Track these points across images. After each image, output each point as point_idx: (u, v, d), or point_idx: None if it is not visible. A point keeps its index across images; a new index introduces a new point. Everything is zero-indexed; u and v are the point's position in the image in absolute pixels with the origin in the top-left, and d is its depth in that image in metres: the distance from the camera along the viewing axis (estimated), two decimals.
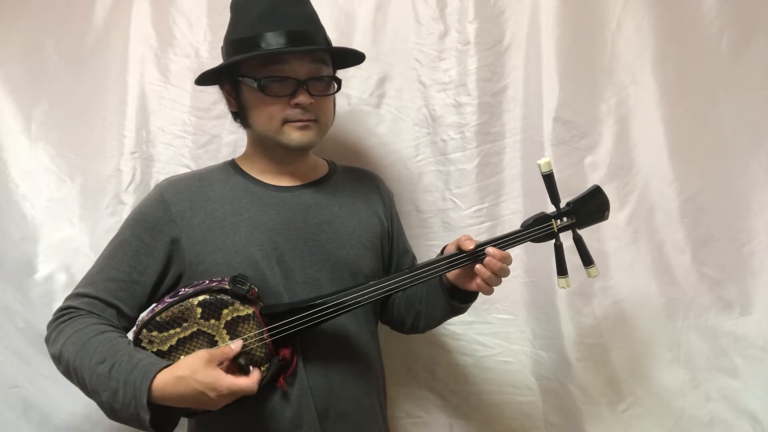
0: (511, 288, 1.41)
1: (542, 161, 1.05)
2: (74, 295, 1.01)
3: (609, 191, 1.33)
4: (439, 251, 1.43)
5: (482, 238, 1.40)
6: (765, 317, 1.37)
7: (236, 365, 0.92)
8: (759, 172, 1.38)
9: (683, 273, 1.38)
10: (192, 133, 1.43)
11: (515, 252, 1.07)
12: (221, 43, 1.40)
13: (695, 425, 1.38)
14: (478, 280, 1.03)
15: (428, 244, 1.43)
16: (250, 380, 0.89)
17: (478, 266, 1.02)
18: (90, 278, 1.03)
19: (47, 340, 0.99)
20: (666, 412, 1.38)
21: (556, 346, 1.38)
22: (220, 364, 0.90)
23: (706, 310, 1.38)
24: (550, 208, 1.35)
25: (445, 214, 1.44)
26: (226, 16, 1.38)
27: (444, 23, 1.40)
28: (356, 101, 1.40)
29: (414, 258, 1.31)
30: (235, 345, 0.93)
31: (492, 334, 1.44)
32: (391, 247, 1.25)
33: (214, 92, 1.39)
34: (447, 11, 1.40)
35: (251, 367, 0.92)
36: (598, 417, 1.37)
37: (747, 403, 1.36)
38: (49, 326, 1.00)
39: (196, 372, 0.87)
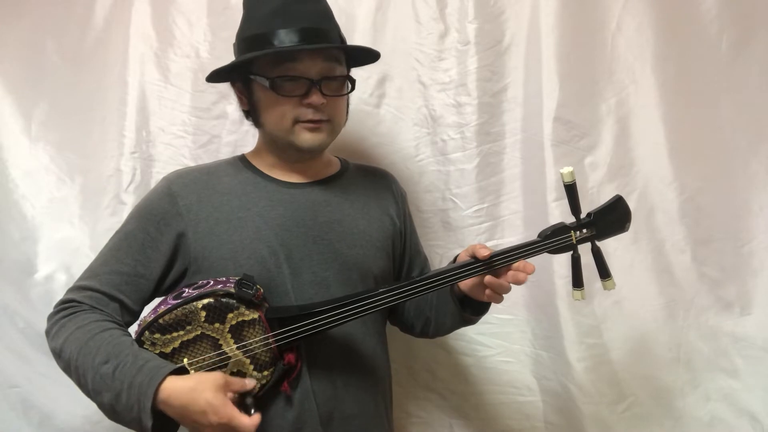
0: (512, 288, 1.41)
1: (565, 171, 1.00)
2: (77, 288, 0.99)
3: (609, 191, 1.33)
4: (439, 251, 1.44)
5: (482, 238, 1.42)
6: (765, 317, 1.37)
7: (241, 402, 0.92)
8: (759, 172, 1.38)
9: (683, 273, 1.38)
10: (192, 133, 1.43)
11: None
12: (221, 43, 1.39)
13: (695, 425, 1.38)
14: (488, 291, 1.01)
15: (428, 244, 1.42)
16: (251, 422, 0.87)
17: (489, 278, 0.98)
18: (93, 270, 1.01)
19: (47, 333, 0.97)
20: (666, 412, 1.38)
21: (556, 346, 1.38)
22: (229, 393, 0.89)
23: (706, 310, 1.38)
24: (550, 208, 1.35)
25: (445, 214, 1.43)
26: (226, 16, 1.39)
27: (444, 23, 1.40)
28: (356, 101, 1.40)
29: (426, 259, 1.29)
30: (250, 383, 0.93)
31: (492, 334, 1.44)
32: (403, 247, 1.23)
33: (214, 92, 1.40)
34: (447, 11, 1.40)
35: (253, 411, 0.90)
36: (598, 417, 1.37)
37: (747, 403, 1.36)
38: (49, 319, 0.98)
39: (207, 390, 0.86)
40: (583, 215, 1.05)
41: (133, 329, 0.99)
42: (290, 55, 1.00)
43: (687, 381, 1.38)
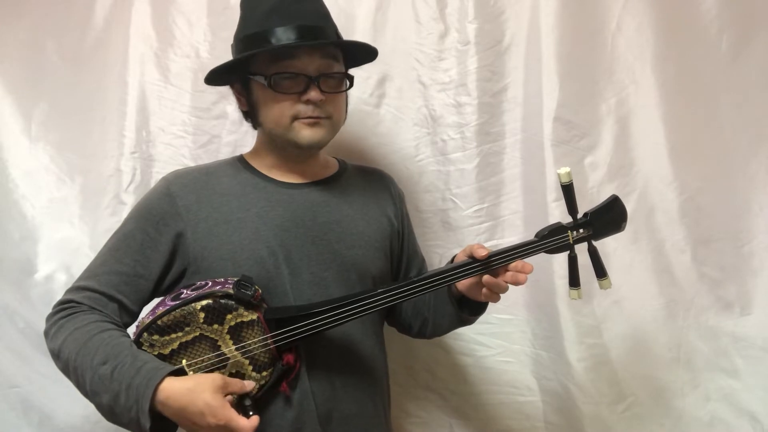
0: (511, 288, 1.41)
1: (562, 171, 1.01)
2: (76, 288, 0.99)
3: (609, 191, 1.33)
4: (439, 251, 1.44)
5: (482, 238, 1.42)
6: (765, 317, 1.37)
7: (240, 403, 0.91)
8: (759, 172, 1.38)
9: (683, 273, 1.38)
10: (192, 133, 1.43)
11: None
12: (221, 43, 1.39)
13: (695, 425, 1.38)
14: (486, 291, 1.01)
15: (428, 245, 1.42)
16: (250, 423, 0.87)
17: (487, 277, 0.99)
18: (92, 271, 1.01)
19: (46, 334, 0.97)
20: (666, 412, 1.38)
21: (556, 346, 1.38)
22: (227, 394, 0.89)
23: (706, 310, 1.38)
24: (550, 208, 1.35)
25: (445, 214, 1.43)
26: (226, 16, 1.39)
27: (444, 23, 1.40)
28: (356, 101, 1.40)
29: (423, 260, 1.30)
30: (249, 385, 0.93)
31: (492, 334, 1.44)
32: (401, 248, 1.23)
33: (214, 92, 1.40)
34: (447, 11, 1.40)
35: (251, 413, 0.91)
36: (598, 417, 1.37)
37: (747, 403, 1.36)
38: (48, 319, 0.98)
39: (206, 391, 0.86)
40: (580, 215, 1.06)
41: (131, 330, 0.99)
42: (288, 53, 1.00)
43: (687, 381, 1.38)
